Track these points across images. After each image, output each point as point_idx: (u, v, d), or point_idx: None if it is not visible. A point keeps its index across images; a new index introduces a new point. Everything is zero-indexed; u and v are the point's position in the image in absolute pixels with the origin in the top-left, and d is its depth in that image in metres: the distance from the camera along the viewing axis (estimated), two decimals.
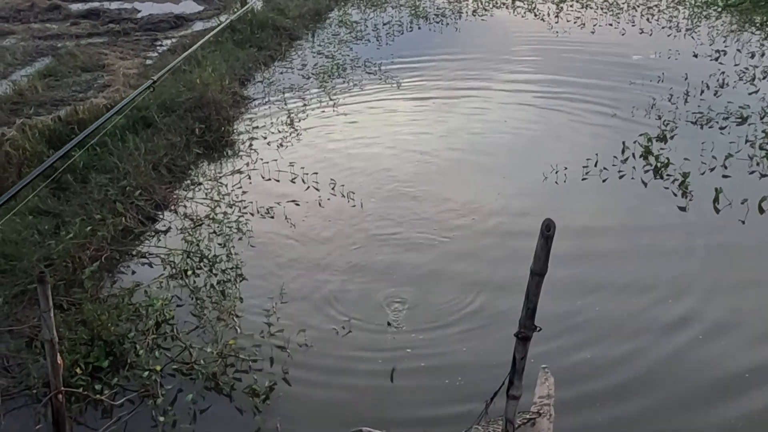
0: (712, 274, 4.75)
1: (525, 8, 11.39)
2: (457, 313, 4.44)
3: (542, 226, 2.56)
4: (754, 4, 10.51)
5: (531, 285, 2.62)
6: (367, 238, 5.37)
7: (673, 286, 4.62)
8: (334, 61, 9.42)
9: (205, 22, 11.69)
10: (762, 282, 4.72)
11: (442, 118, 7.67)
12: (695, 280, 4.70)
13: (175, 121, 7.09)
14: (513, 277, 4.44)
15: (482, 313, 4.43)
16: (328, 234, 5.46)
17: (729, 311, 4.37)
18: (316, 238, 5.40)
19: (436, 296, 4.60)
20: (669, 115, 7.14)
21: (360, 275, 4.90)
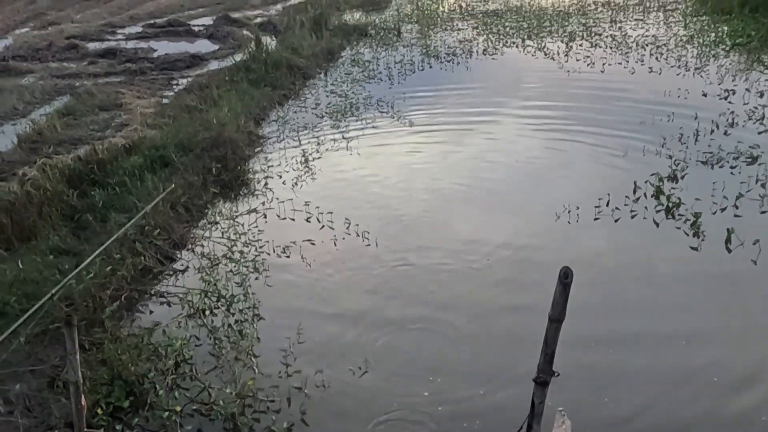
0: (726, 318, 4.77)
1: (535, 47, 11.53)
2: (471, 358, 4.47)
3: (560, 273, 2.62)
4: (762, 43, 10.63)
5: (549, 331, 2.68)
6: (382, 277, 5.43)
7: (688, 331, 4.63)
8: (347, 100, 9.56)
9: (220, 62, 11.91)
10: None
11: (453, 155, 7.78)
12: (709, 324, 4.72)
13: (193, 160, 7.21)
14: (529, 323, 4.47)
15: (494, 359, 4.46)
16: (343, 274, 5.52)
17: (749, 358, 4.38)
18: (331, 278, 5.46)
19: (451, 338, 4.64)
20: (680, 155, 7.21)
21: (375, 316, 4.95)
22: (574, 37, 11.93)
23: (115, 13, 16.45)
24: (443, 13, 14.56)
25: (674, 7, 13.64)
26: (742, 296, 5.07)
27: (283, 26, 13.97)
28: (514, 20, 13.40)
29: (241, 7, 16.68)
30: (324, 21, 13.38)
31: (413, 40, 12.50)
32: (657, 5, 13.89)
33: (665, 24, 12.38)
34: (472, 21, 13.66)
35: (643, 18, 12.98)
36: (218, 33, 13.89)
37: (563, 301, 2.65)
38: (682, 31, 11.79)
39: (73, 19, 15.80)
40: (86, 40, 13.87)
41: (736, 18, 11.99)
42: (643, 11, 13.47)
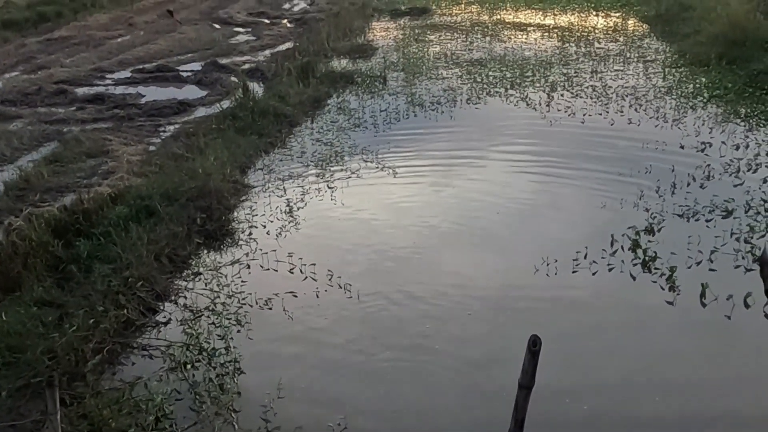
0: (702, 372, 4.88)
1: (517, 97, 11.75)
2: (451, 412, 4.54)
3: (529, 341, 2.72)
4: (738, 95, 10.88)
5: (519, 397, 2.76)
6: (364, 330, 5.52)
7: (663, 384, 4.74)
8: (333, 148, 9.70)
9: (208, 108, 12.03)
10: (750, 379, 4.84)
11: (437, 204, 7.93)
12: (685, 377, 4.83)
13: (178, 210, 7.28)
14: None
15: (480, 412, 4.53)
16: (325, 327, 5.60)
17: (722, 410, 4.48)
18: (313, 332, 5.54)
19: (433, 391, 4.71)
20: (656, 207, 7.37)
21: (356, 370, 5.02)
22: (555, 87, 12.16)
23: (105, 58, 16.58)
24: (428, 61, 14.76)
25: (654, 58, 13.93)
26: (715, 351, 5.19)
27: (271, 73, 14.14)
28: (497, 69, 13.63)
29: (229, 53, 16.86)
30: (311, 69, 13.55)
31: (399, 88, 12.68)
32: (637, 56, 14.17)
33: (645, 75, 12.64)
34: (456, 69, 13.88)
35: (623, 68, 13.25)
36: (206, 79, 14.03)
37: (532, 368, 2.73)
38: (660, 83, 12.05)
39: (63, 64, 15.91)
40: (75, 84, 13.96)
41: (713, 70, 12.28)
42: (623, 62, 13.74)
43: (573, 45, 15.66)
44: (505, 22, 19.32)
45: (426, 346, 5.30)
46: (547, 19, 19.53)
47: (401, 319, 5.70)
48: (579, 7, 21.23)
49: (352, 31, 18.65)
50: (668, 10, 17.63)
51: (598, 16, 19.59)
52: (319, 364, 5.13)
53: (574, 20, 19.16)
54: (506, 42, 16.52)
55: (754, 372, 4.94)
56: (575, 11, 20.67)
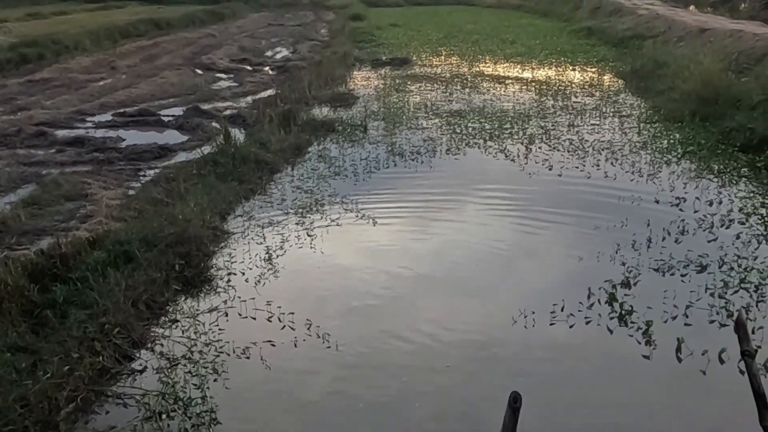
0: (677, 428, 4.91)
1: (496, 149, 11.91)
2: None
3: (510, 397, 2.73)
4: (711, 151, 11.12)
5: None
6: (341, 382, 5.50)
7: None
8: (313, 196, 9.75)
9: (189, 153, 12.07)
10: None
11: (416, 253, 7.96)
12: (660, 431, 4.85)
13: (157, 256, 7.26)
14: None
15: None
16: (302, 378, 5.58)
17: None
18: (290, 382, 5.51)
19: None
20: (632, 261, 7.47)
21: (333, 422, 4.98)
22: (533, 139, 12.35)
23: (86, 101, 16.63)
24: (409, 111, 14.96)
25: (629, 113, 14.23)
26: (691, 406, 5.23)
27: (253, 120, 14.25)
28: (476, 121, 13.84)
29: (211, 99, 16.98)
30: (293, 116, 13.68)
31: (379, 137, 12.82)
32: (613, 111, 14.47)
33: (620, 130, 12.89)
34: (436, 120, 14.07)
35: (599, 123, 13.50)
36: (188, 124, 14.09)
37: (512, 425, 2.74)
38: (636, 138, 12.28)
39: (44, 106, 15.94)
40: (55, 127, 13.96)
41: (687, 126, 12.56)
42: (599, 116, 14.02)
43: (550, 98, 15.95)
44: (485, 75, 19.67)
45: (404, 397, 5.28)
46: (525, 73, 19.92)
47: (379, 370, 5.69)
48: (556, 61, 21.69)
49: (333, 79, 18.89)
50: (643, 66, 18.07)
51: (575, 71, 20.02)
52: (296, 415, 5.10)
53: (552, 74, 19.55)
54: (485, 94, 16.81)
55: (729, 429, 4.98)
56: (553, 65, 21.11)
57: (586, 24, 29.69)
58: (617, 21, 27.67)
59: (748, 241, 7.91)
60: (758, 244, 7.82)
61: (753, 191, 9.46)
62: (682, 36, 20.80)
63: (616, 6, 30.98)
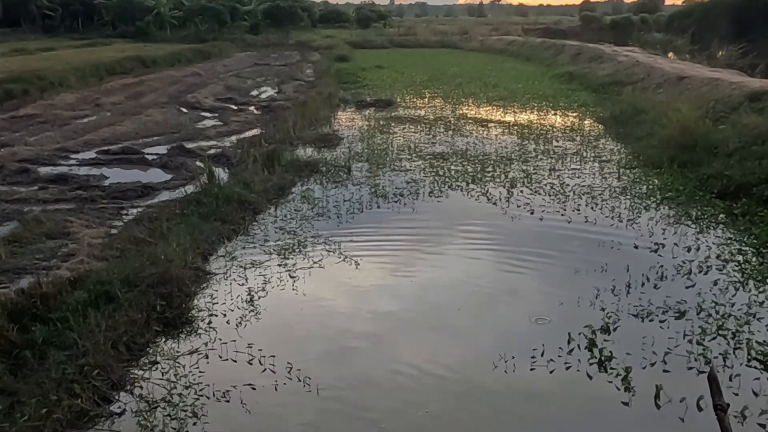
0: None
1: (479, 192, 12.02)
2: None
3: None
4: (688, 198, 11.30)
5: None
6: (320, 427, 5.49)
7: None
8: (296, 237, 9.78)
9: (172, 192, 12.09)
10: None
11: (398, 295, 8.01)
12: None
13: (138, 296, 7.24)
14: None
15: None
16: (282, 422, 5.56)
17: None
18: (270, 427, 5.49)
19: None
20: (612, 307, 7.54)
21: None
22: (515, 183, 12.49)
23: (70, 138, 16.65)
24: (392, 152, 15.10)
25: (609, 158, 14.43)
26: None
27: (237, 159, 14.32)
28: (459, 164, 13.98)
29: (195, 138, 17.05)
30: (277, 156, 13.77)
31: (363, 179, 12.91)
32: (593, 156, 14.67)
33: (600, 175, 13.06)
34: (419, 162, 14.20)
35: (580, 167, 13.68)
36: (172, 163, 14.12)
37: None
38: (615, 183, 12.45)
39: (27, 142, 15.93)
40: (38, 164, 13.96)
41: (665, 173, 12.75)
42: (580, 161, 14.21)
43: (532, 142, 16.16)
44: (467, 117, 19.93)
45: None
46: (507, 116, 20.20)
47: (360, 414, 5.68)
48: (538, 105, 22.03)
49: (318, 120, 19.06)
50: (622, 112, 18.38)
51: (557, 115, 20.32)
52: None
53: (534, 118, 19.83)
54: (468, 137, 17.02)
55: None
56: (535, 109, 21.43)
57: (567, 69, 30.22)
58: (597, 67, 28.21)
59: (725, 287, 8.01)
60: (735, 291, 7.92)
61: (730, 238, 9.59)
62: (661, 83, 21.23)
63: (597, 52, 31.61)
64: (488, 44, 51.50)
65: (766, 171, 10.93)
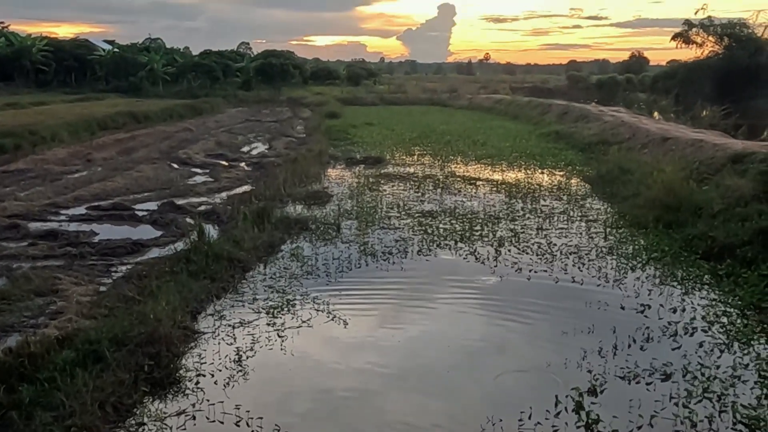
0: None
1: (467, 251, 12.13)
2: None
3: None
4: (674, 258, 11.43)
5: None
6: None
7: None
8: (285, 296, 9.82)
9: (162, 249, 12.13)
10: None
11: (387, 354, 8.05)
12: None
13: (126, 356, 7.24)
14: None
15: None
16: None
17: None
18: None
19: None
20: (599, 369, 7.59)
21: None
22: (503, 242, 12.61)
23: (60, 193, 16.72)
24: (381, 210, 15.24)
25: (595, 218, 14.61)
26: None
27: (227, 216, 14.41)
28: (447, 222, 14.12)
29: (186, 194, 17.14)
30: (267, 213, 13.87)
31: (352, 237, 13.01)
32: (580, 215, 14.86)
33: (587, 234, 13.21)
34: (408, 220, 14.33)
35: (567, 227, 13.83)
36: (162, 219, 14.19)
37: None
38: (602, 243, 12.59)
39: (18, 197, 15.98)
40: (29, 219, 13.99)
41: (651, 233, 12.92)
42: (567, 220, 14.38)
43: (520, 201, 16.36)
44: (456, 175, 20.15)
45: None
46: (495, 175, 20.43)
47: None
48: (526, 164, 22.31)
49: (308, 177, 19.25)
50: (609, 172, 18.66)
51: (544, 174, 20.58)
52: None
53: (521, 176, 20.07)
54: (456, 195, 17.21)
55: None
56: (522, 167, 21.70)
57: (554, 128, 30.71)
58: (584, 126, 28.69)
59: (710, 349, 8.08)
60: (720, 353, 7.99)
61: (715, 299, 9.70)
62: (646, 143, 21.62)
63: (583, 112, 32.19)
64: (476, 102, 52.32)
65: (749, 233, 11.11)
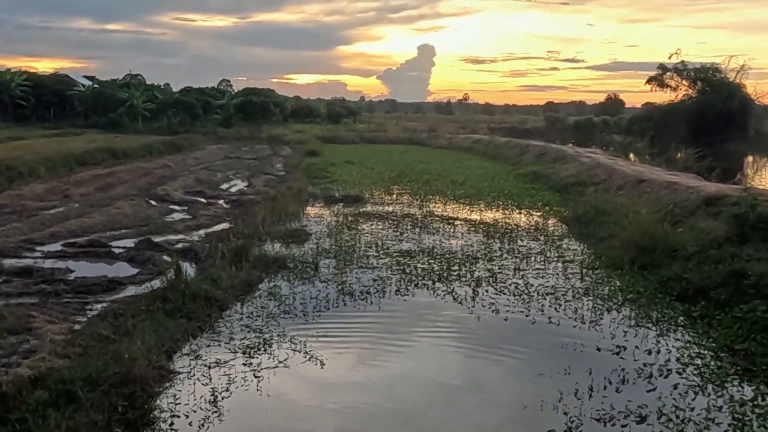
0: None
1: (444, 291, 12.17)
2: None
3: None
4: (649, 300, 11.55)
5: None
6: None
7: None
8: (262, 335, 9.78)
9: (138, 287, 12.05)
10: None
11: (364, 393, 8.06)
12: None
13: (99, 396, 7.16)
14: None
15: None
16: None
17: None
18: None
19: None
20: (575, 411, 7.61)
21: None
22: (480, 282, 12.67)
23: (36, 229, 16.59)
24: (360, 249, 15.26)
25: (572, 259, 14.73)
26: None
27: (204, 254, 14.35)
28: (425, 262, 14.17)
29: (164, 231, 17.07)
30: (245, 252, 13.84)
31: (330, 276, 13.01)
32: (556, 256, 14.97)
33: (564, 275, 13.31)
34: (386, 259, 14.36)
35: (544, 267, 13.93)
36: (139, 257, 14.11)
37: None
38: (578, 284, 12.69)
39: None
40: (3, 256, 13.84)
41: (627, 274, 13.05)
42: (544, 261, 14.48)
43: (497, 241, 16.46)
44: (435, 214, 20.26)
45: None
46: (473, 215, 20.56)
47: None
48: (503, 204, 22.49)
49: (287, 215, 19.27)
50: (585, 213, 18.86)
51: (521, 214, 20.75)
52: None
53: (499, 216, 20.22)
54: (435, 234, 17.29)
55: None
56: (500, 208, 21.87)
57: (531, 169, 31.06)
58: (561, 167, 29.03)
59: (685, 391, 8.15)
60: (695, 395, 8.05)
61: (689, 341, 9.79)
62: (622, 185, 21.91)
63: (560, 153, 32.60)
64: (455, 142, 52.83)
65: (722, 275, 11.25)
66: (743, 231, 12.64)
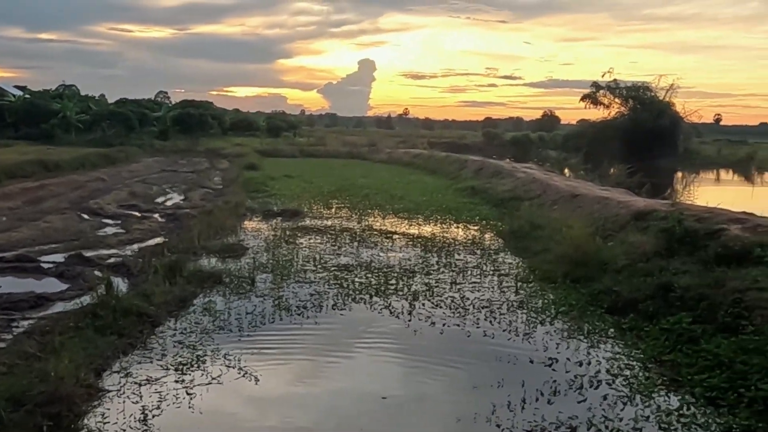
0: None
1: (382, 305, 12.19)
2: None
3: None
4: (581, 312, 11.78)
5: None
6: None
7: None
8: (195, 352, 9.63)
9: (67, 303, 11.74)
10: None
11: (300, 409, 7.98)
12: None
13: (23, 417, 6.95)
14: None
15: None
16: None
17: None
18: None
19: None
20: (507, 423, 7.71)
21: None
22: (417, 296, 12.74)
23: None
24: (297, 264, 15.19)
25: (507, 272, 14.93)
26: None
27: (137, 269, 14.06)
28: (363, 276, 14.18)
29: (96, 246, 16.67)
30: (179, 267, 13.61)
31: (266, 291, 12.90)
32: (492, 269, 15.16)
33: (499, 288, 13.48)
34: (324, 274, 14.33)
35: (480, 281, 14.09)
36: (69, 272, 13.74)
37: None
38: (513, 297, 12.87)
39: None
40: None
41: (560, 287, 13.30)
42: (480, 275, 14.65)
43: (435, 255, 16.57)
44: (373, 229, 20.28)
45: None
46: (412, 228, 20.66)
47: None
48: (442, 218, 22.68)
49: (224, 229, 19.03)
50: (520, 227, 19.14)
51: (459, 228, 20.95)
52: None
53: (437, 230, 20.38)
54: (373, 248, 17.32)
55: None
56: (438, 222, 22.04)
57: (470, 183, 31.43)
58: (498, 182, 29.47)
59: (614, 402, 8.33)
60: (623, 406, 8.24)
61: (619, 352, 10.02)
62: (556, 200, 22.35)
63: (498, 168, 33.11)
64: (395, 156, 53.11)
65: (651, 288, 11.56)
66: (670, 245, 13.02)
